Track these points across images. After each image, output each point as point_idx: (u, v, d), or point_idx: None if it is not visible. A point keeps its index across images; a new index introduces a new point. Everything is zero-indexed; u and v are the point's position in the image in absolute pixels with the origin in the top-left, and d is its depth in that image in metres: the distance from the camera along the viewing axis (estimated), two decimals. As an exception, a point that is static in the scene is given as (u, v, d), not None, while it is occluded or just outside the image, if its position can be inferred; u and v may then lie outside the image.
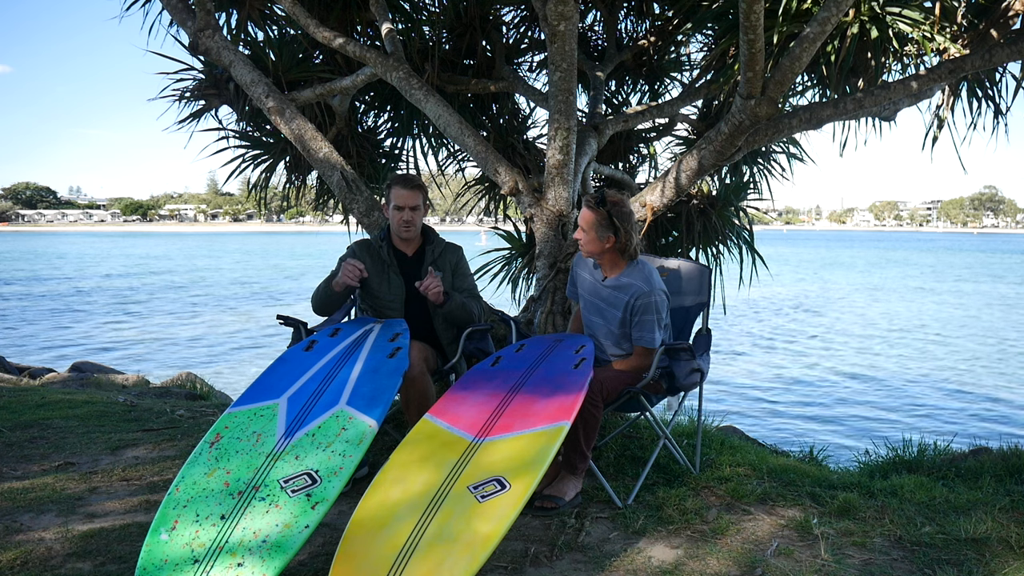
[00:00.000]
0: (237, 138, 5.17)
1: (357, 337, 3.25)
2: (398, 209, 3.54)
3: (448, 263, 3.66)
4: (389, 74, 4.32)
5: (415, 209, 3.55)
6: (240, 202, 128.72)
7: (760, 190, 5.84)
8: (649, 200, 4.13)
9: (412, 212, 3.54)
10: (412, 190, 3.54)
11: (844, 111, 4.05)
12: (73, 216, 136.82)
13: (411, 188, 3.54)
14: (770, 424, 10.20)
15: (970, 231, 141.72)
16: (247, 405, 2.78)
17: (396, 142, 5.70)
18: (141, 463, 3.65)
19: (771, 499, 3.18)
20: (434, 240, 3.69)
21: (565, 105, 3.95)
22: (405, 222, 3.55)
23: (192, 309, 23.10)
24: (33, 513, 2.99)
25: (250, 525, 2.31)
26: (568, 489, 3.08)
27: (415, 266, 3.63)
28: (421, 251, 3.67)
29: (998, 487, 3.42)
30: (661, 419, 3.46)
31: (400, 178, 3.61)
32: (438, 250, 3.66)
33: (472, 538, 2.24)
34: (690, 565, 2.59)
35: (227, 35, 4.94)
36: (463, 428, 2.74)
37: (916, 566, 2.63)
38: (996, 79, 4.67)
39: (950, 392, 12.62)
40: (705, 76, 5.02)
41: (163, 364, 13.61)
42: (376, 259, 3.62)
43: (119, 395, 5.46)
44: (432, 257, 3.63)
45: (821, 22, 3.32)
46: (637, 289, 3.22)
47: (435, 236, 3.71)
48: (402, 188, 3.53)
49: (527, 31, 5.50)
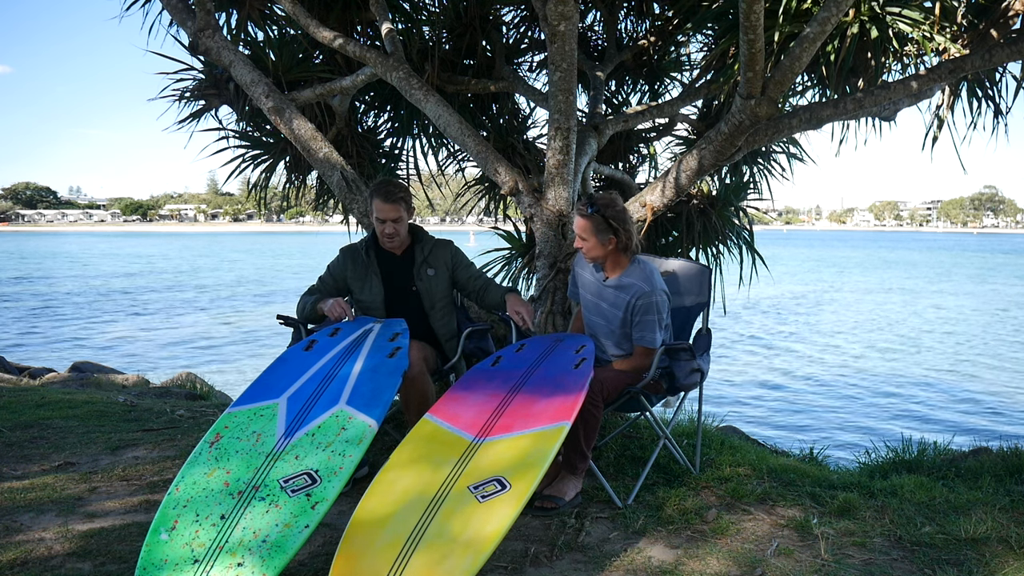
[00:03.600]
0: (237, 138, 5.17)
1: (357, 337, 3.25)
2: (380, 221, 3.53)
3: (441, 260, 3.66)
4: (389, 74, 4.32)
5: (397, 221, 3.53)
6: (240, 202, 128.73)
7: (760, 190, 5.84)
8: (649, 200, 4.13)
9: (395, 224, 3.53)
10: (393, 203, 3.50)
11: (844, 111, 4.05)
12: (73, 216, 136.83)
13: (391, 201, 3.50)
14: (770, 424, 10.21)
15: (970, 231, 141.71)
16: (247, 405, 2.78)
17: (396, 142, 5.70)
18: (141, 463, 3.65)
19: (771, 499, 3.18)
20: (423, 239, 3.69)
21: (565, 105, 3.95)
22: (388, 235, 3.55)
23: (192, 309, 23.10)
24: (33, 513, 2.99)
25: (250, 525, 2.31)
26: (568, 489, 3.08)
27: (406, 266, 3.64)
28: (411, 251, 3.67)
29: (998, 487, 3.42)
30: (661, 419, 3.46)
31: (380, 190, 3.53)
32: (428, 248, 3.66)
33: (472, 538, 2.24)
34: (690, 565, 2.59)
35: (227, 35, 4.94)
36: (463, 428, 2.74)
37: (916, 566, 2.63)
38: (996, 79, 4.67)
39: (950, 392, 12.62)
40: (705, 76, 5.02)
41: (163, 364, 13.62)
42: (358, 263, 3.63)
43: (119, 395, 5.46)
44: (423, 255, 3.64)
45: (821, 22, 3.32)
46: (638, 289, 3.22)
47: (424, 235, 3.71)
48: (383, 201, 3.49)
49: (527, 31, 5.50)
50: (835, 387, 12.85)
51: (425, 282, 3.62)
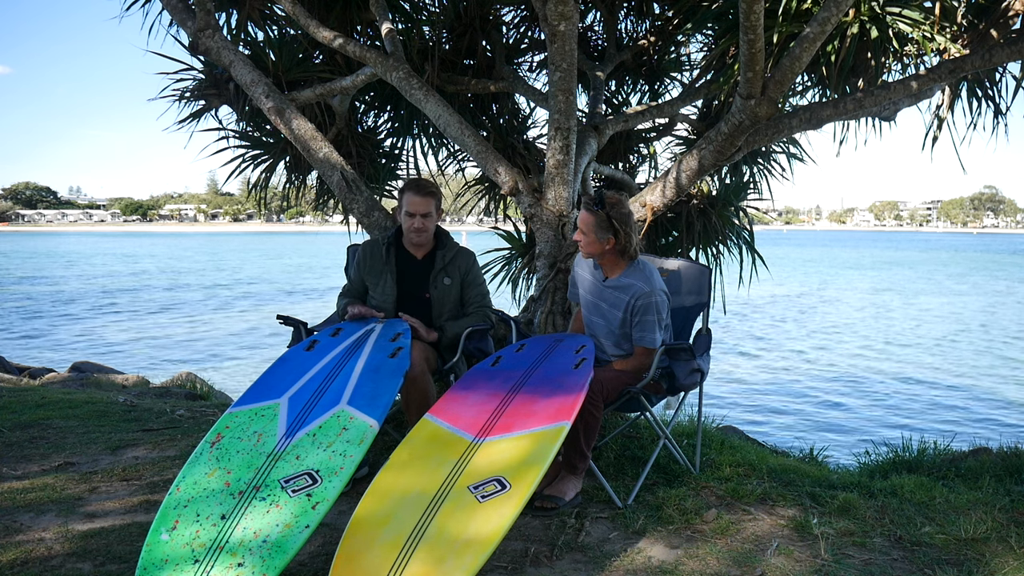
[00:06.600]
0: (237, 138, 5.17)
1: (358, 337, 3.25)
2: (409, 215, 3.51)
3: (458, 270, 3.61)
4: (389, 74, 4.32)
5: (427, 216, 3.51)
6: (240, 202, 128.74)
7: (760, 190, 5.84)
8: (649, 200, 4.13)
9: (424, 219, 3.51)
10: (425, 197, 3.49)
11: (844, 111, 4.05)
12: (73, 216, 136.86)
13: (424, 195, 3.49)
14: (770, 424, 10.21)
15: (970, 231, 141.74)
16: (248, 405, 2.78)
17: (396, 142, 5.70)
18: (141, 463, 3.65)
19: (771, 499, 3.18)
20: (446, 245, 3.64)
21: (565, 105, 3.95)
22: (416, 229, 3.52)
23: (192, 309, 23.10)
24: (33, 513, 2.99)
25: (250, 525, 2.31)
26: (568, 489, 3.08)
27: (424, 271, 3.61)
28: (432, 256, 3.63)
29: (998, 487, 3.42)
30: (661, 419, 3.46)
31: (413, 184, 3.56)
32: (449, 255, 3.61)
33: (472, 538, 2.24)
34: (690, 565, 2.59)
35: (227, 35, 4.94)
36: (463, 428, 2.74)
37: (916, 566, 2.63)
38: (996, 79, 4.67)
39: (950, 392, 12.62)
40: (705, 76, 5.02)
41: (163, 364, 13.62)
42: (376, 259, 3.63)
43: (119, 395, 5.46)
44: (442, 263, 3.59)
45: (821, 22, 3.32)
46: (638, 289, 3.22)
47: (448, 240, 3.66)
48: (415, 195, 3.49)
49: (527, 31, 5.50)
50: (835, 387, 12.85)
51: (439, 290, 3.58)
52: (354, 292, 3.72)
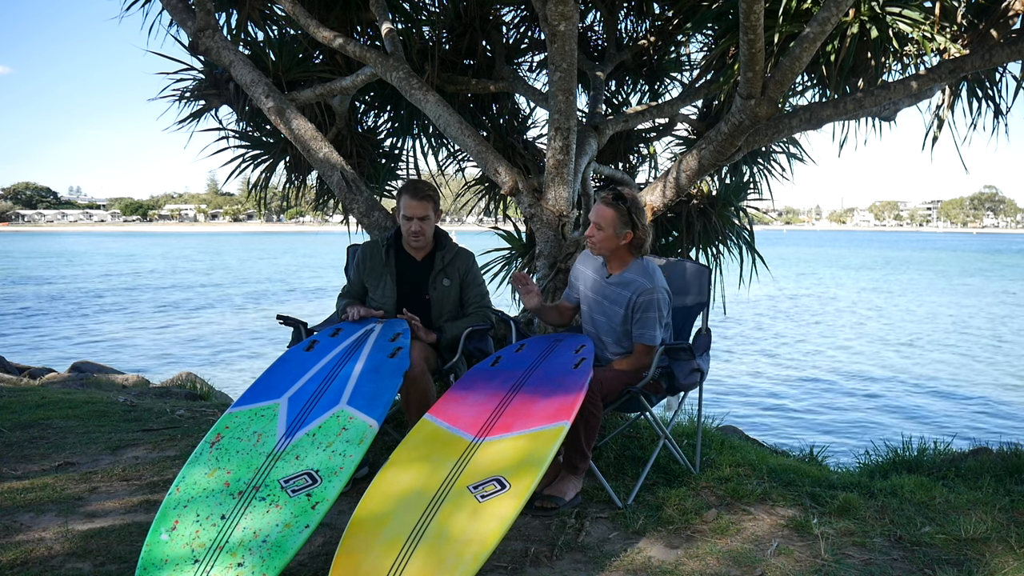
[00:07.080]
0: (237, 138, 5.17)
1: (358, 337, 3.25)
2: (407, 219, 3.49)
3: (457, 271, 3.61)
4: (389, 74, 4.33)
5: (424, 219, 3.49)
6: (240, 202, 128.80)
7: (760, 190, 5.85)
8: (649, 200, 4.13)
9: (421, 222, 3.49)
10: (421, 200, 3.47)
11: (844, 111, 4.05)
12: (73, 216, 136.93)
13: (420, 198, 3.47)
14: (770, 424, 10.21)
15: (970, 231, 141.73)
16: (248, 405, 2.78)
17: (396, 142, 5.70)
18: (141, 463, 3.65)
19: (771, 499, 3.18)
20: (446, 246, 3.63)
21: (565, 105, 3.95)
22: (414, 232, 3.51)
23: (192, 309, 23.10)
24: (33, 513, 2.99)
25: (250, 525, 2.31)
26: (568, 489, 3.08)
27: (423, 272, 3.61)
28: (431, 257, 3.62)
29: (998, 487, 3.42)
30: (661, 419, 3.46)
31: (410, 187, 3.53)
32: (448, 256, 3.60)
33: (472, 538, 2.24)
34: (690, 565, 2.59)
35: (227, 35, 4.94)
36: (463, 428, 2.74)
37: (916, 566, 2.63)
38: (996, 79, 4.68)
39: (950, 392, 12.62)
40: (705, 76, 5.02)
41: (163, 364, 13.62)
42: (376, 260, 3.62)
43: (119, 395, 5.46)
44: (442, 264, 3.59)
45: (821, 22, 3.32)
46: (640, 285, 3.22)
47: (447, 242, 3.65)
48: (411, 198, 3.47)
49: (527, 31, 5.50)
50: (835, 387, 12.85)
51: (439, 292, 3.58)
52: (354, 293, 3.72)
